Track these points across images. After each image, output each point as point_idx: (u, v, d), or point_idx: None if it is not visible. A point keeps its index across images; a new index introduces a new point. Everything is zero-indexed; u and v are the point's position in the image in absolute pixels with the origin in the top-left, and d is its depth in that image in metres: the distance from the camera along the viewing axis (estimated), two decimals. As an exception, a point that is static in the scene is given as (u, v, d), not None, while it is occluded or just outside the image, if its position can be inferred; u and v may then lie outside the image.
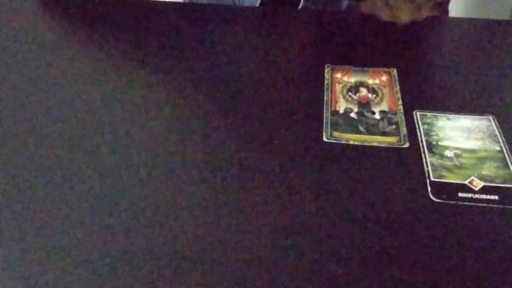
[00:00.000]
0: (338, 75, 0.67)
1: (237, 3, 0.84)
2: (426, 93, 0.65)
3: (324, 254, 0.46)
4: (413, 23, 0.78)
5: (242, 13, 0.81)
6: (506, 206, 0.50)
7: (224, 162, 0.55)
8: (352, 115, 0.61)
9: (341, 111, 0.61)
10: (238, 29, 0.71)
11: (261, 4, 0.82)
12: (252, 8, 0.82)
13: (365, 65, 0.68)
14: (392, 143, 0.57)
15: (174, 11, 0.80)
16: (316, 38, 0.74)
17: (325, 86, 0.65)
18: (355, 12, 0.81)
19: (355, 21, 0.82)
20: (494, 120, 0.60)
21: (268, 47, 0.72)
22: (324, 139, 0.57)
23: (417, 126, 0.59)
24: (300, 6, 0.83)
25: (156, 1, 0.82)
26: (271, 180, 0.53)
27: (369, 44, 0.74)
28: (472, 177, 0.53)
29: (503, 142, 0.57)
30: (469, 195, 0.51)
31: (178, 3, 0.82)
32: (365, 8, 0.79)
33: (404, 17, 0.76)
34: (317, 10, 0.83)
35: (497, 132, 0.58)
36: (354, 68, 0.68)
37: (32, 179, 0.53)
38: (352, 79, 0.66)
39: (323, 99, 0.63)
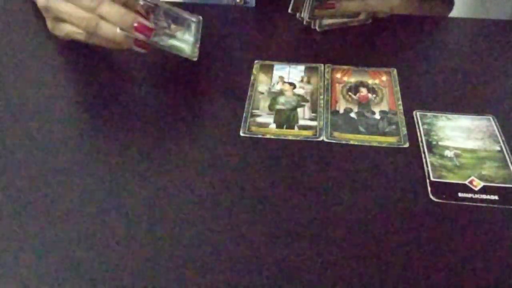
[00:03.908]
0: (338, 75, 0.67)
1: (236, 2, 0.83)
2: (426, 93, 0.65)
3: (323, 254, 0.46)
4: (413, 23, 0.78)
5: (241, 12, 0.81)
6: (506, 206, 0.50)
7: (224, 161, 0.55)
8: (352, 115, 0.61)
9: (341, 111, 0.61)
10: (238, 29, 0.71)
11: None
12: (251, 8, 0.82)
13: (365, 65, 0.69)
14: (392, 143, 0.57)
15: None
16: (315, 38, 0.74)
17: (325, 86, 0.65)
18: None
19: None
20: (494, 120, 0.60)
21: (267, 47, 0.73)
22: (324, 139, 0.57)
23: (417, 126, 0.59)
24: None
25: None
26: (271, 180, 0.53)
27: (369, 44, 0.74)
28: (472, 177, 0.53)
29: (503, 142, 0.57)
30: (469, 195, 0.51)
31: (178, 3, 0.82)
32: None
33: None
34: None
35: (497, 132, 0.58)
36: (354, 68, 0.68)
37: (31, 180, 0.53)
38: (352, 79, 0.66)
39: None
